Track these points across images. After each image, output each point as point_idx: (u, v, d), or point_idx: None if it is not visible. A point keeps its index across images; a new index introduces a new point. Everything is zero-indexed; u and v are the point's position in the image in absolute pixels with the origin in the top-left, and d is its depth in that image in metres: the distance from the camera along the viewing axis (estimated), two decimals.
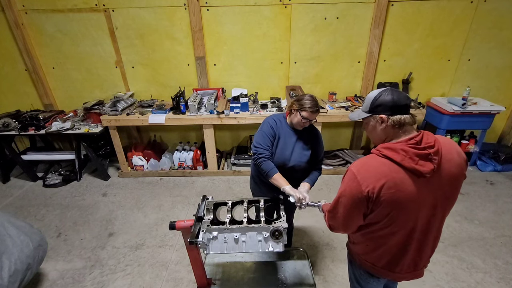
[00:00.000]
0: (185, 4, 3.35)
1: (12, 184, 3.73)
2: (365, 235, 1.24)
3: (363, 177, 1.08)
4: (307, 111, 1.70)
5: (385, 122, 1.13)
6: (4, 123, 3.42)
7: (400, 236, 1.17)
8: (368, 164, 1.11)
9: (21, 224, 2.09)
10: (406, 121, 1.10)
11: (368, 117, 1.19)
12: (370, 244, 1.25)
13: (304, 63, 3.68)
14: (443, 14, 3.36)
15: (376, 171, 1.07)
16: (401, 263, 1.24)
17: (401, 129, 1.11)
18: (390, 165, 1.07)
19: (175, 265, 2.44)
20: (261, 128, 1.84)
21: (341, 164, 3.84)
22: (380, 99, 1.13)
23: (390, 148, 1.08)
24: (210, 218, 1.53)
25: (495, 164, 3.74)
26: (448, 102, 3.52)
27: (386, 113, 1.12)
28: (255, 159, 1.78)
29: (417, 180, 1.06)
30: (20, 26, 3.45)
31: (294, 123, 1.79)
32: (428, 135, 1.10)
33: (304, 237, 2.72)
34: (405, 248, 1.21)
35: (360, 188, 1.08)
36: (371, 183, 1.06)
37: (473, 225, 2.83)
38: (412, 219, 1.14)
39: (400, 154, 1.05)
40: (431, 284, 2.23)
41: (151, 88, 3.90)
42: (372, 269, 1.31)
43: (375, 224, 1.16)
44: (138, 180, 3.75)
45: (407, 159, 1.05)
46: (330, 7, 3.35)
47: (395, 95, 1.11)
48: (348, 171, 1.14)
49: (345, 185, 1.14)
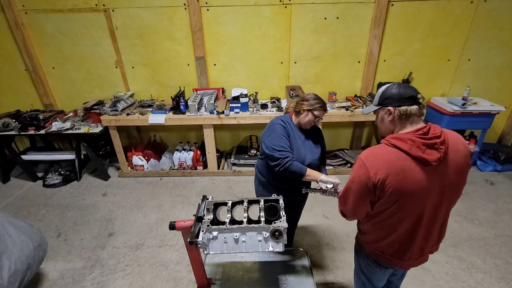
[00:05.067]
0: (185, 4, 3.35)
1: (12, 184, 3.73)
2: (375, 224, 1.28)
3: (371, 164, 1.13)
4: (319, 110, 1.75)
5: (392, 113, 1.19)
6: (4, 123, 3.42)
7: (408, 223, 1.21)
8: (376, 152, 1.17)
9: (21, 224, 2.09)
10: (413, 112, 1.15)
11: (378, 110, 1.26)
12: (380, 232, 1.29)
13: (304, 63, 3.68)
14: (443, 14, 3.36)
15: (384, 159, 1.13)
16: (410, 250, 1.28)
17: (408, 120, 1.17)
18: (397, 153, 1.12)
19: (175, 265, 2.44)
20: (273, 130, 1.79)
21: (341, 164, 3.84)
22: (388, 92, 1.20)
23: (398, 138, 1.13)
24: (210, 218, 1.53)
25: (495, 164, 3.74)
26: (448, 102, 3.52)
27: (393, 105, 1.18)
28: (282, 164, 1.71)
29: (424, 169, 1.11)
30: (20, 26, 3.45)
31: (304, 123, 1.79)
32: (435, 127, 1.15)
33: (304, 237, 2.72)
34: (413, 235, 1.25)
35: (368, 174, 1.13)
36: (379, 169, 1.11)
37: (473, 225, 2.83)
38: (419, 207, 1.18)
39: (408, 143, 1.10)
40: (431, 284, 2.23)
41: (151, 88, 3.90)
42: (381, 258, 1.34)
43: (384, 211, 1.20)
44: (138, 180, 3.75)
45: (414, 148, 1.10)
46: (330, 7, 3.35)
47: (401, 88, 1.18)
48: (358, 159, 1.20)
49: (354, 172, 1.20)
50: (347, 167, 3.80)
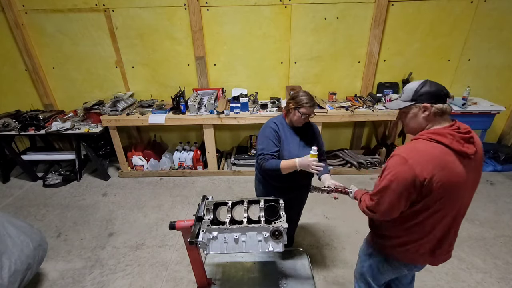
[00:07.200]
0: (185, 4, 3.35)
1: (12, 184, 3.73)
2: (410, 227, 1.24)
3: (415, 160, 1.10)
4: (304, 107, 1.76)
5: (428, 110, 1.17)
6: (4, 123, 3.42)
7: (447, 220, 1.22)
8: (418, 148, 1.14)
9: (21, 224, 2.09)
10: (448, 110, 1.17)
11: (410, 106, 1.23)
12: (413, 235, 1.26)
13: (304, 63, 3.68)
14: (443, 14, 3.36)
15: (428, 154, 1.11)
16: (443, 246, 1.28)
17: (442, 117, 1.18)
18: (440, 148, 1.12)
19: (175, 265, 2.44)
20: (263, 133, 1.85)
21: (341, 164, 3.84)
22: (424, 89, 1.19)
23: (437, 133, 1.14)
24: (210, 218, 1.53)
25: (495, 164, 3.74)
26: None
27: (430, 102, 1.17)
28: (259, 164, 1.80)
29: (463, 161, 1.13)
30: (20, 26, 3.45)
31: (294, 121, 1.82)
32: (460, 124, 1.18)
33: (304, 237, 2.72)
34: (449, 231, 1.25)
35: (413, 171, 1.10)
36: (425, 166, 1.09)
37: (473, 225, 2.82)
38: (460, 201, 1.19)
39: (448, 137, 1.11)
40: (431, 284, 2.23)
41: (151, 88, 3.90)
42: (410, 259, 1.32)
43: (426, 210, 1.18)
44: (138, 180, 3.75)
45: (455, 142, 1.11)
46: (330, 7, 3.35)
47: (437, 86, 1.19)
48: (395, 156, 1.16)
49: (395, 170, 1.14)
50: (347, 167, 3.80)
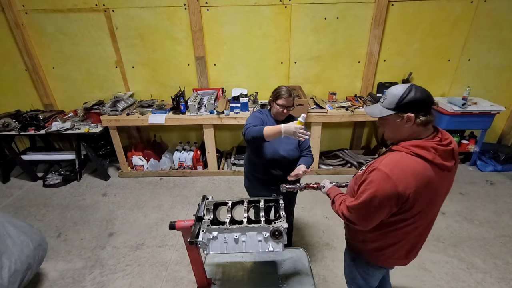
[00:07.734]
0: (185, 4, 3.35)
1: (12, 184, 3.73)
2: (387, 233, 1.23)
3: (398, 177, 1.05)
4: (281, 98, 1.81)
5: (411, 120, 1.09)
6: (4, 123, 3.42)
7: (422, 227, 1.22)
8: (401, 163, 1.08)
9: (21, 224, 2.09)
10: (432, 120, 1.11)
11: (393, 115, 1.12)
12: (388, 240, 1.25)
13: (304, 63, 3.68)
14: (443, 14, 3.36)
15: (411, 171, 1.06)
16: (416, 249, 1.31)
17: (426, 127, 1.11)
18: (423, 164, 1.07)
19: (175, 265, 2.44)
20: (250, 116, 1.94)
21: (341, 164, 3.84)
22: (409, 96, 1.07)
23: (420, 146, 1.08)
24: (210, 218, 1.53)
25: (495, 164, 3.74)
26: (448, 102, 3.52)
27: (414, 112, 1.08)
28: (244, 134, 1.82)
29: (442, 174, 1.11)
30: (20, 26, 3.45)
31: (275, 113, 1.90)
32: (442, 131, 1.15)
33: (304, 237, 2.72)
34: (422, 236, 1.27)
35: (396, 189, 1.06)
36: (408, 183, 1.05)
37: (473, 225, 2.82)
38: (435, 211, 1.20)
39: (431, 152, 1.07)
40: (431, 284, 2.23)
41: (151, 88, 3.90)
42: (386, 262, 1.34)
43: (404, 220, 1.16)
44: (138, 180, 3.75)
45: (438, 157, 1.08)
46: (330, 7, 3.35)
47: (423, 92, 1.08)
48: (377, 171, 1.09)
49: (378, 187, 1.09)
50: (347, 167, 3.80)
